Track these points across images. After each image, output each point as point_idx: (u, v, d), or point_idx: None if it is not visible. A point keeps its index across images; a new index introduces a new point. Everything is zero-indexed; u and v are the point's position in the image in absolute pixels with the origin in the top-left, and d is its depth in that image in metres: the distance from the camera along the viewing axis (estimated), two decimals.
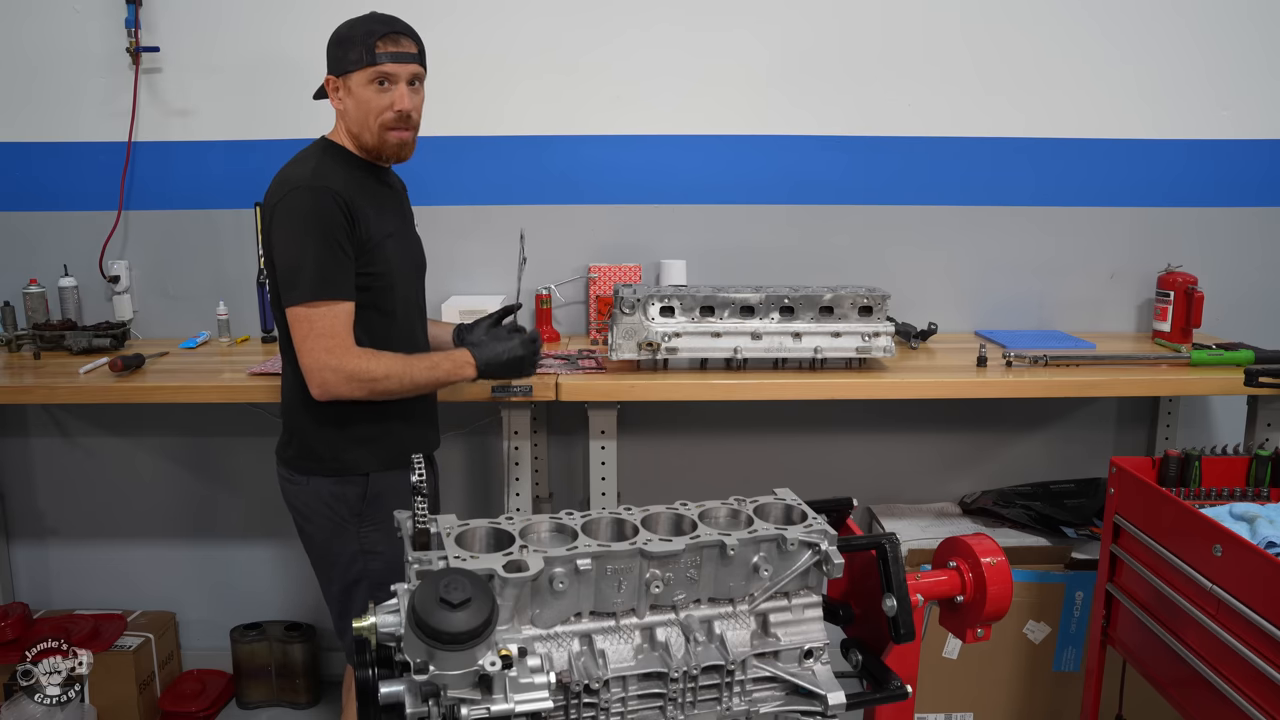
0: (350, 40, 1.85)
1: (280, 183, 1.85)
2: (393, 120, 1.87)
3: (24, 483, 2.95)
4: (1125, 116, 2.82)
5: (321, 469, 1.92)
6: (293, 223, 1.79)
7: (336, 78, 1.88)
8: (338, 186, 1.81)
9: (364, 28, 1.85)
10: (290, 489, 1.98)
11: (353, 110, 1.88)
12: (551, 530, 1.49)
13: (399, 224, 1.99)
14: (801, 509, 1.55)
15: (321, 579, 2.01)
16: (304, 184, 1.79)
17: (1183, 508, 1.80)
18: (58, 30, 2.70)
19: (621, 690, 1.37)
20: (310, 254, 1.78)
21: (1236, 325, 2.86)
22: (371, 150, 1.91)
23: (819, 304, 2.39)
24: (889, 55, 2.77)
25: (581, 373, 2.39)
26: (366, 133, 1.88)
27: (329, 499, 1.92)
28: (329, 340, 1.78)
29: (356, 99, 1.86)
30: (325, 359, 1.78)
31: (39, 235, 2.80)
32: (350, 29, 1.87)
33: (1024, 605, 2.47)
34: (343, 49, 1.86)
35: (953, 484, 2.98)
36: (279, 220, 1.81)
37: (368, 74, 1.84)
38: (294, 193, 1.79)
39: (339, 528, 1.92)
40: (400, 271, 1.95)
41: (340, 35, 1.88)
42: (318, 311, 1.78)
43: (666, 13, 2.72)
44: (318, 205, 1.78)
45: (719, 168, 2.80)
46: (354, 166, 1.91)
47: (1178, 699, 1.83)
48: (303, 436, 1.94)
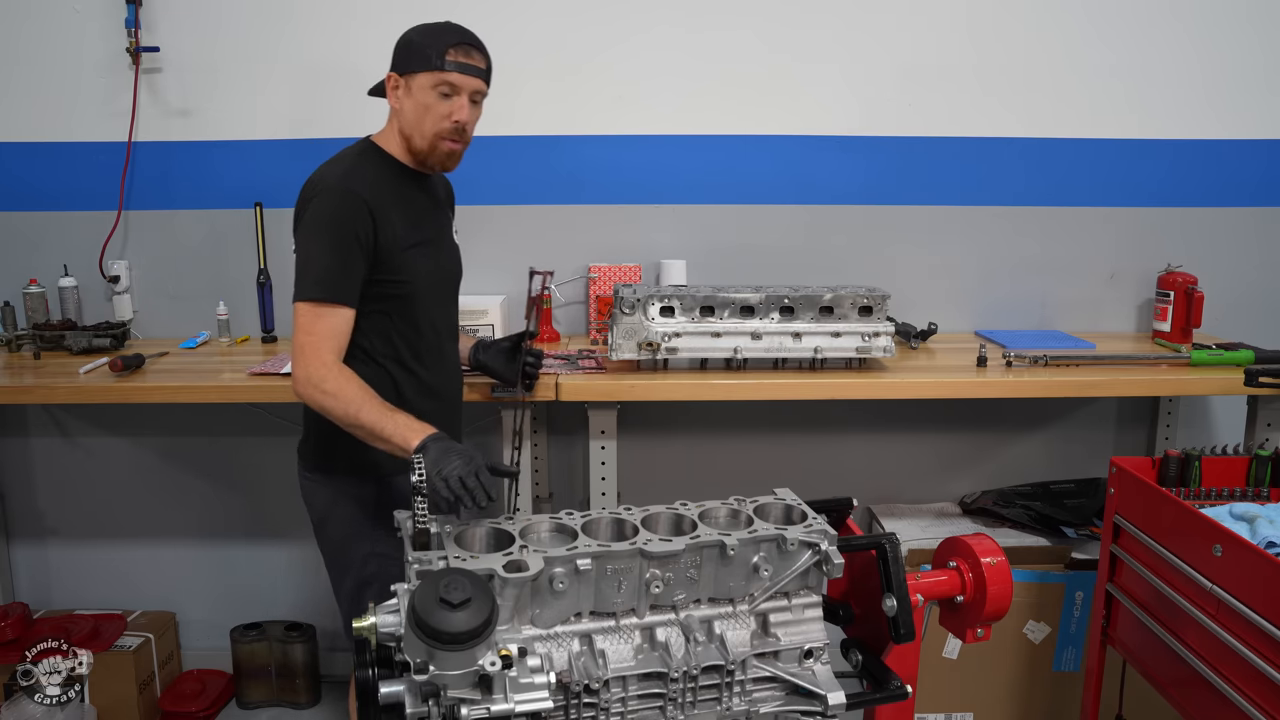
0: (422, 43, 1.84)
1: (312, 182, 1.85)
2: (448, 130, 1.85)
3: (24, 483, 2.95)
4: (1124, 117, 2.82)
5: (340, 468, 1.91)
6: (313, 221, 1.80)
7: (399, 76, 1.87)
8: (365, 192, 1.80)
9: (438, 34, 1.84)
10: (308, 486, 1.97)
11: (410, 112, 1.86)
12: (551, 530, 1.50)
13: (433, 232, 1.97)
14: (801, 509, 1.56)
15: (334, 578, 1.99)
16: (332, 186, 1.80)
17: (1183, 508, 1.80)
18: (58, 30, 2.70)
19: (621, 690, 1.37)
20: (320, 254, 1.79)
21: (1236, 325, 2.86)
22: (419, 155, 1.90)
23: (819, 304, 2.39)
24: (889, 55, 2.77)
25: (581, 373, 2.39)
26: (418, 136, 1.87)
27: (347, 498, 1.92)
28: (307, 339, 1.77)
29: (416, 101, 1.84)
30: (297, 357, 1.78)
31: (39, 235, 2.80)
32: (424, 33, 1.85)
33: (1024, 605, 2.47)
34: (412, 50, 1.85)
35: (953, 484, 2.98)
36: (303, 217, 1.83)
37: (432, 79, 1.82)
38: (322, 193, 1.80)
39: (356, 527, 1.92)
40: (426, 281, 1.93)
41: (412, 36, 1.87)
42: (312, 311, 1.78)
43: (667, 14, 2.72)
44: (340, 208, 1.79)
45: (719, 168, 2.80)
46: (393, 171, 1.90)
47: (1178, 699, 1.83)
48: (322, 435, 1.92)
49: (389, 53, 1.90)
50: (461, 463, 1.59)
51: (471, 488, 1.57)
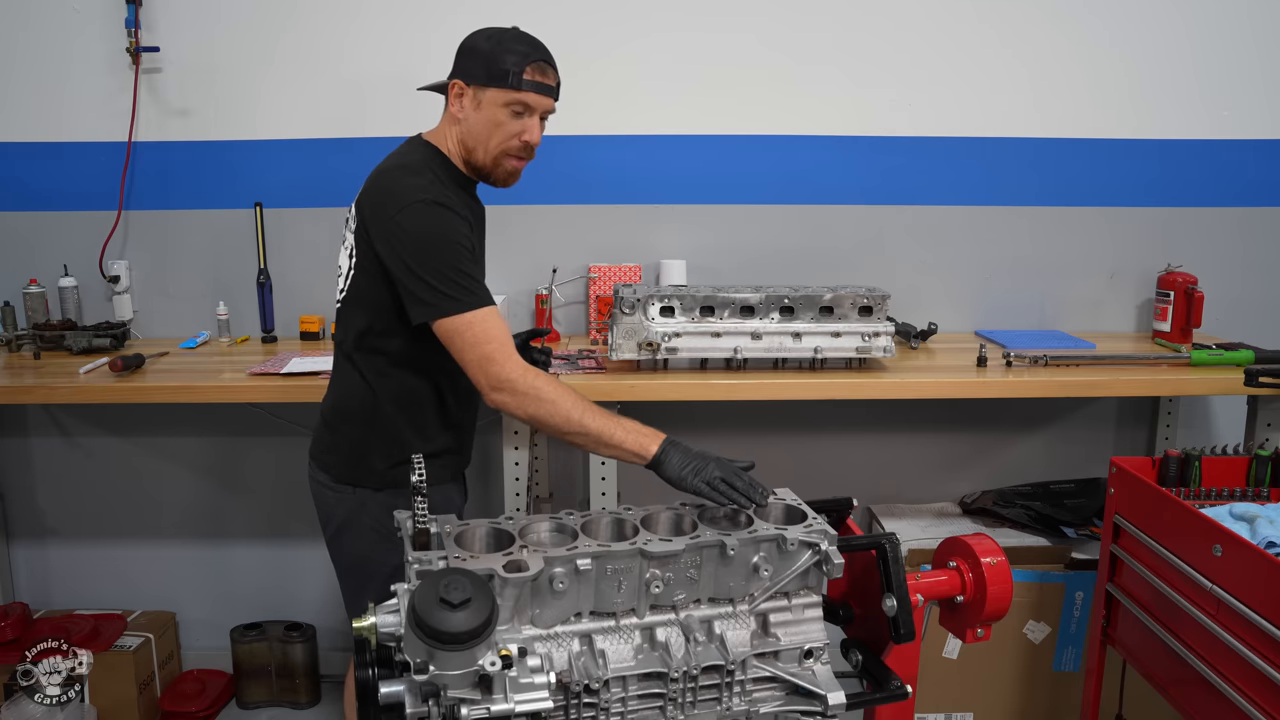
0: (495, 56, 1.74)
1: (395, 191, 1.72)
2: (518, 149, 1.80)
3: (24, 483, 2.95)
4: (1125, 116, 2.82)
5: (373, 481, 1.85)
6: (428, 236, 1.69)
7: (467, 85, 1.77)
8: (455, 205, 1.74)
9: (514, 47, 1.75)
10: (329, 495, 1.90)
11: (476, 125, 1.78)
12: (551, 530, 1.50)
13: (482, 243, 1.93)
14: (801, 509, 1.56)
15: (350, 586, 1.94)
16: (430, 199, 1.70)
17: (1183, 508, 1.80)
18: (58, 30, 2.70)
19: (621, 690, 1.37)
20: (451, 266, 1.68)
21: (1236, 325, 2.86)
22: (480, 168, 1.83)
23: (819, 304, 2.39)
24: (889, 55, 2.77)
25: (581, 373, 2.39)
26: (481, 151, 1.80)
27: (377, 510, 1.83)
28: (495, 348, 1.68)
29: (485, 116, 1.77)
30: (487, 368, 1.67)
31: (39, 235, 2.80)
32: (499, 44, 1.75)
33: (1024, 605, 2.47)
34: (485, 61, 1.75)
35: (953, 484, 2.98)
36: (407, 232, 1.69)
37: (507, 96, 1.75)
38: (421, 206, 1.69)
39: (385, 540, 1.81)
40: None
41: (483, 48, 1.76)
42: (479, 319, 1.68)
43: (668, 15, 2.72)
44: (451, 220, 1.71)
45: (719, 168, 2.80)
46: (455, 180, 1.83)
47: (1178, 699, 1.83)
48: (355, 446, 1.86)
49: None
50: (715, 465, 1.58)
51: (741, 487, 1.55)
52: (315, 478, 1.93)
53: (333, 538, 1.93)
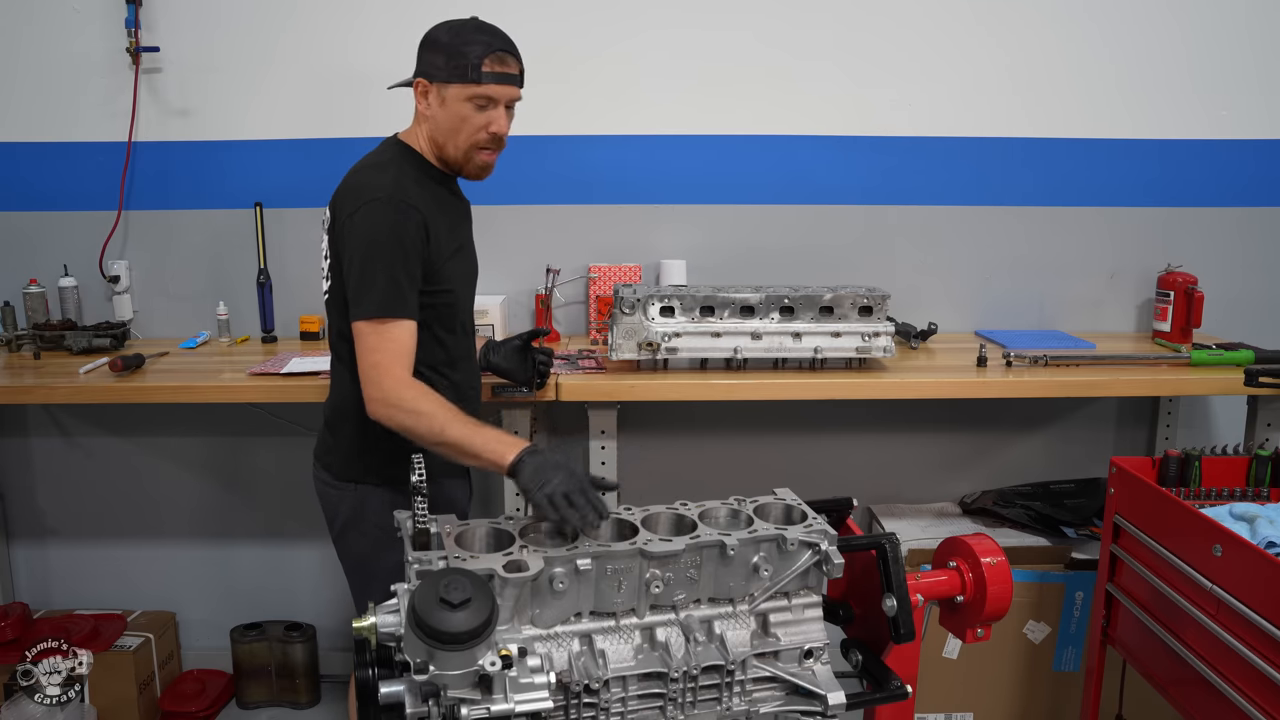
0: (455, 50, 1.74)
1: (357, 189, 1.75)
2: (486, 141, 1.80)
3: (24, 483, 2.95)
4: (1123, 117, 2.82)
5: (373, 478, 1.86)
6: (368, 236, 1.71)
7: (430, 83, 1.77)
8: (417, 202, 1.74)
9: (472, 40, 1.74)
10: (333, 494, 1.90)
11: (443, 122, 1.78)
12: (551, 530, 1.50)
13: (464, 237, 1.93)
14: (801, 509, 1.56)
15: (357, 585, 1.94)
16: (385, 197, 1.71)
17: (1183, 508, 1.80)
18: (58, 30, 2.70)
19: (621, 690, 1.37)
20: (379, 270, 1.70)
21: (1236, 325, 2.86)
22: (452, 163, 1.84)
23: (819, 304, 2.39)
24: (889, 55, 2.77)
25: (581, 373, 2.39)
26: (452, 147, 1.81)
27: (379, 506, 1.85)
28: (378, 358, 1.70)
29: (450, 112, 1.77)
30: (370, 377, 1.70)
31: (39, 235, 2.80)
32: (456, 37, 1.75)
33: (1024, 605, 2.47)
34: (444, 56, 1.75)
35: (953, 484, 2.98)
36: (357, 229, 1.72)
37: (469, 91, 1.74)
38: (374, 204, 1.71)
39: (389, 537, 1.79)
40: (464, 287, 1.90)
41: (443, 41, 1.76)
42: (377, 329, 1.70)
43: (667, 14, 2.72)
44: (397, 221, 1.70)
45: (719, 168, 2.80)
46: (429, 177, 1.84)
47: (1178, 699, 1.83)
48: (353, 446, 1.87)
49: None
50: (562, 478, 1.48)
51: (579, 505, 1.45)
52: (318, 477, 1.94)
53: (338, 537, 1.94)
